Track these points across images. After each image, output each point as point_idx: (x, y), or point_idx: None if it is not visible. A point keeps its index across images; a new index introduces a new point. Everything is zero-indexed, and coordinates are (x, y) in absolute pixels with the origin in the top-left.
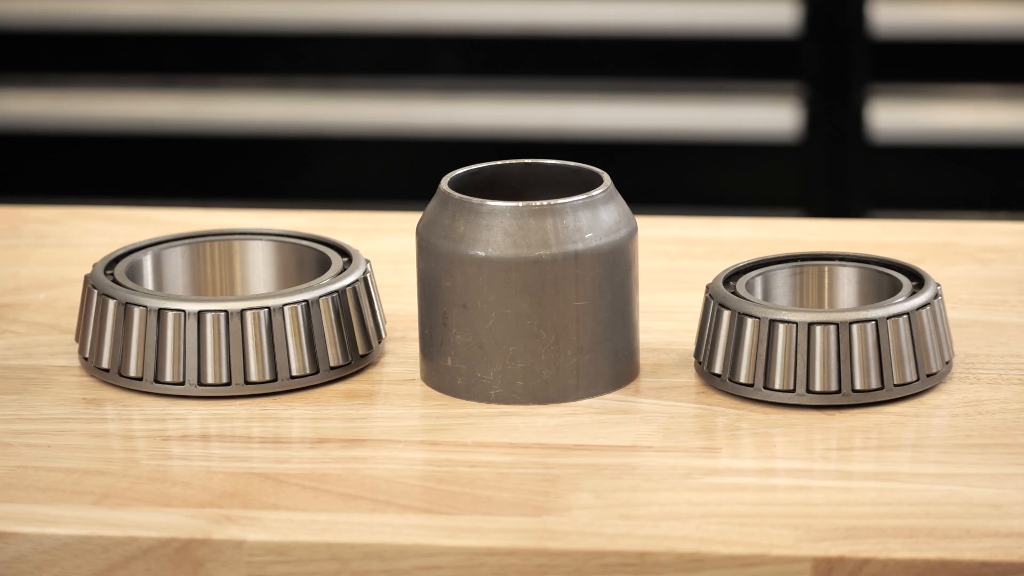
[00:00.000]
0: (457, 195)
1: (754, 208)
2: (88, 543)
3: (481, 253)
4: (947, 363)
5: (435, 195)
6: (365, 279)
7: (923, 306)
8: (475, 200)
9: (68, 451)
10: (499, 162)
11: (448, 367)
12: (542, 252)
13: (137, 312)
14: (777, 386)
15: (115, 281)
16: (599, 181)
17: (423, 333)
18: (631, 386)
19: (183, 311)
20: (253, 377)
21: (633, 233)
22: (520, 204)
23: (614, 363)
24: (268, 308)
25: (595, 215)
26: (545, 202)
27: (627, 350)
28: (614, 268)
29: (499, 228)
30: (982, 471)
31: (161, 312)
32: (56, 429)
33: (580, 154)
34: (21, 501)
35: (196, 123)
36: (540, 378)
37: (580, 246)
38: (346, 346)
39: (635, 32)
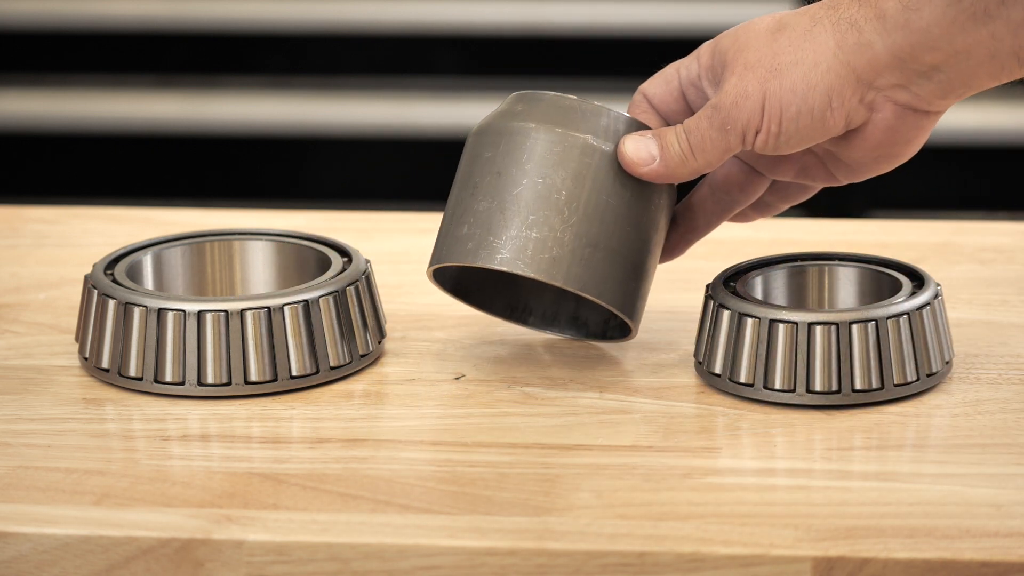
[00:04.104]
0: (530, 90)
1: None
2: (88, 543)
3: (531, 124)
4: (947, 363)
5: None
6: (365, 279)
7: (923, 306)
8: (547, 91)
9: (68, 451)
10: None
11: (462, 234)
12: (588, 138)
13: (137, 312)
14: (777, 386)
15: (115, 281)
16: None
17: (445, 219)
18: (631, 386)
19: (183, 311)
20: (253, 377)
21: (672, 203)
22: (586, 99)
23: (621, 280)
24: (268, 308)
25: None
26: (614, 109)
27: (635, 282)
28: (651, 198)
29: (557, 110)
30: (982, 471)
31: (161, 312)
32: (56, 429)
33: None
34: (21, 501)
35: (196, 123)
36: (550, 253)
37: None
38: (346, 346)
39: (635, 32)
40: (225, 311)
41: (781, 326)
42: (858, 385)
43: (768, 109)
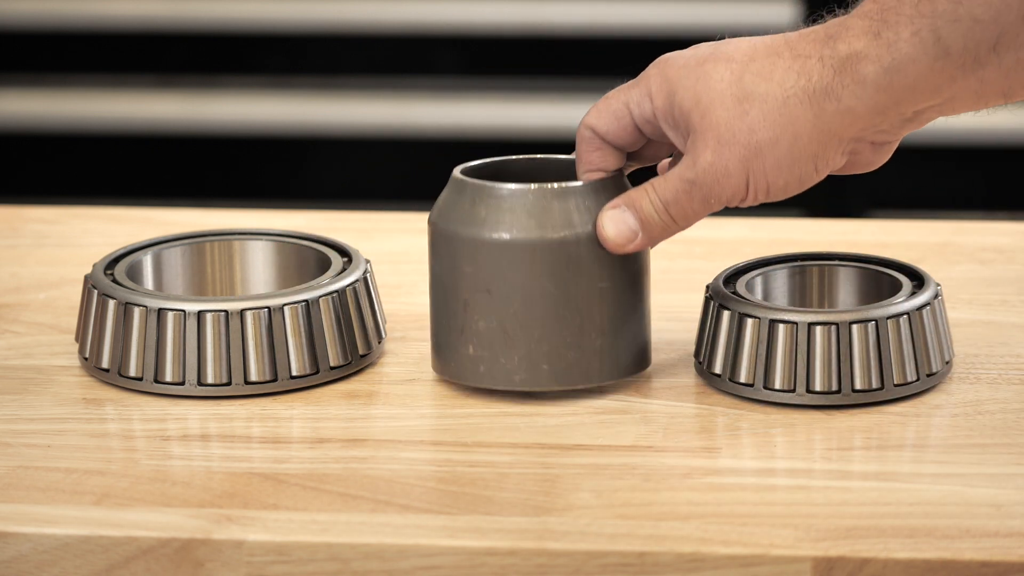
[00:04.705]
0: (477, 181)
1: (754, 208)
2: (88, 543)
3: (506, 236)
4: (947, 363)
5: (448, 185)
6: (365, 279)
7: (923, 306)
8: (497, 184)
9: (68, 451)
10: (509, 156)
11: (470, 355)
12: (567, 233)
13: (137, 312)
14: (777, 386)
15: (115, 281)
16: None
17: (438, 323)
18: (631, 386)
19: (183, 311)
20: (253, 377)
21: None
22: (545, 186)
23: (633, 344)
24: (268, 308)
25: (613, 197)
26: (570, 184)
27: (643, 334)
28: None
29: (523, 211)
30: (982, 471)
31: (161, 312)
32: (56, 429)
33: None
34: (21, 501)
35: (196, 123)
36: (565, 361)
37: None
38: (346, 346)
39: (635, 32)
40: (225, 311)
41: (781, 326)
42: (858, 385)
43: (754, 184)
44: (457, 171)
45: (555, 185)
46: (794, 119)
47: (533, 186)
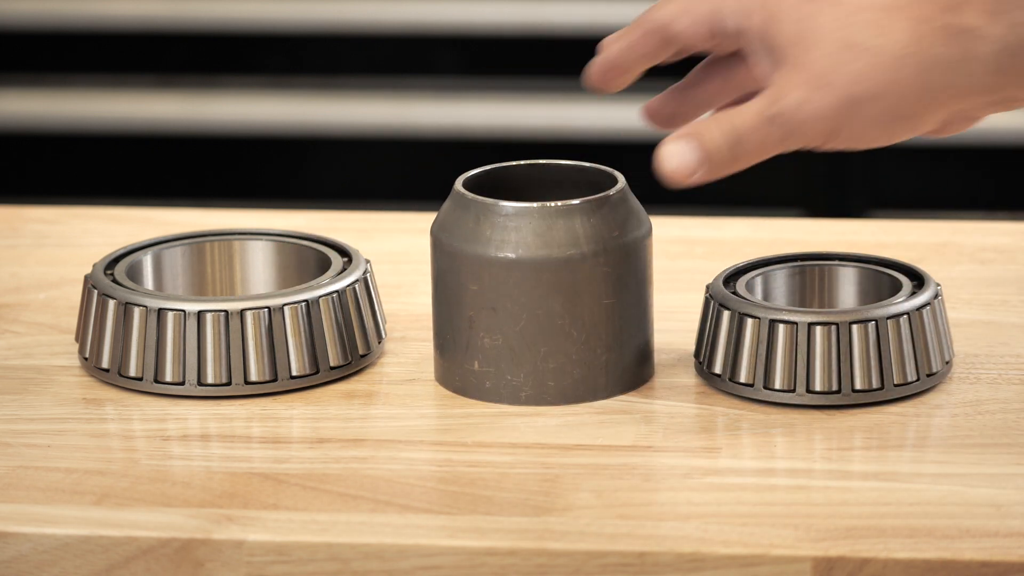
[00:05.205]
0: (481, 198)
1: (754, 208)
2: (88, 543)
3: (512, 255)
4: (947, 363)
5: (450, 197)
6: (365, 279)
7: (923, 306)
8: (501, 202)
9: (68, 451)
10: (513, 163)
11: (475, 371)
12: (573, 251)
13: (137, 312)
14: (777, 386)
15: (115, 281)
16: (608, 180)
17: (442, 336)
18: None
19: (183, 311)
20: (253, 377)
21: (650, 230)
22: (549, 204)
23: (638, 359)
24: (268, 308)
25: (616, 213)
26: (574, 201)
27: (647, 345)
28: (636, 264)
29: (528, 229)
30: (982, 471)
31: (161, 312)
32: (56, 429)
33: (581, 154)
34: (21, 501)
35: (196, 123)
36: (571, 377)
37: (609, 244)
38: (346, 346)
39: None
40: (225, 311)
41: (781, 326)
42: (858, 385)
43: (845, 135)
44: (459, 184)
45: (559, 203)
46: (900, 80)
47: (537, 204)
